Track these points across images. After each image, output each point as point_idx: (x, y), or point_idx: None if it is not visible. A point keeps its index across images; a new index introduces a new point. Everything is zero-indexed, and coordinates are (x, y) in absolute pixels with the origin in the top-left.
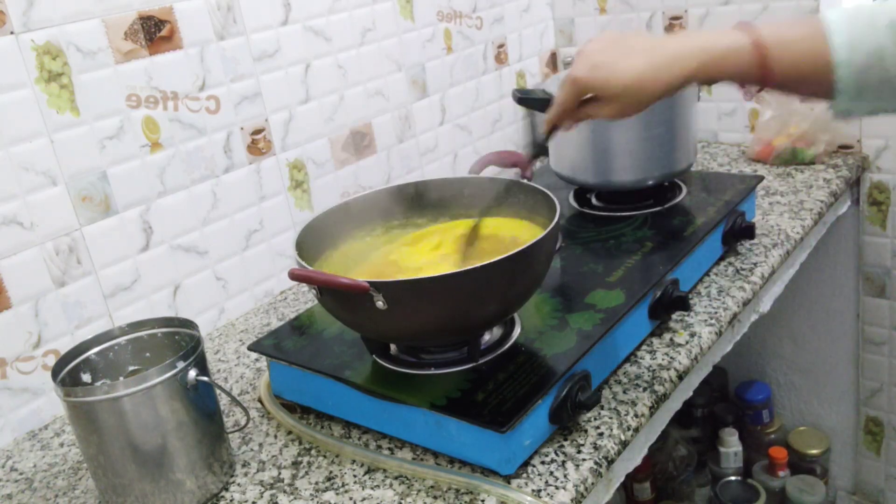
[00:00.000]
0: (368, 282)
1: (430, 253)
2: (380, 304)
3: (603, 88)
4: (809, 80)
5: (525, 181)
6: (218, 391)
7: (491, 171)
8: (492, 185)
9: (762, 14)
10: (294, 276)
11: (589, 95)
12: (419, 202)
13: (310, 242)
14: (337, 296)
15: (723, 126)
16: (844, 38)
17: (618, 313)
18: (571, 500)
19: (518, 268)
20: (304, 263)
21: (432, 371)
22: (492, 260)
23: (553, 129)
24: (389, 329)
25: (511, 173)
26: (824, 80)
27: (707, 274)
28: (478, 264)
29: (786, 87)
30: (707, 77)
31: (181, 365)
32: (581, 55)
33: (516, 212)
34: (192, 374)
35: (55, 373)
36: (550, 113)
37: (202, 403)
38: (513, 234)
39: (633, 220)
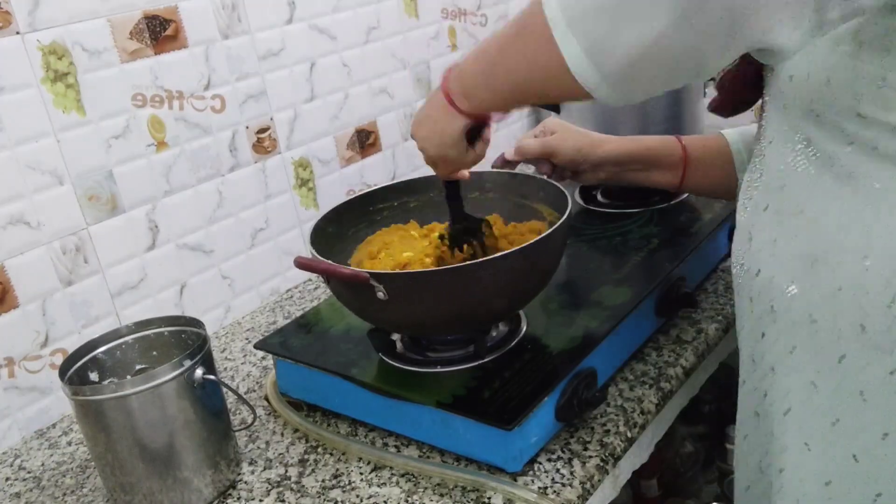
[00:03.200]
0: (369, 273)
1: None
2: (380, 294)
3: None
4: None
5: (543, 177)
6: (225, 389)
7: (519, 168)
8: (504, 179)
9: None
10: (299, 264)
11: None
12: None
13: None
14: (343, 285)
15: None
16: None
17: (624, 310)
18: (578, 498)
19: (524, 265)
20: (314, 253)
21: (439, 369)
22: (494, 256)
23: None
24: (392, 319)
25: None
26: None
27: (714, 271)
28: (478, 260)
29: None
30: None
31: (188, 363)
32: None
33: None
34: (199, 372)
35: (63, 371)
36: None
37: (209, 402)
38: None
39: (640, 217)
